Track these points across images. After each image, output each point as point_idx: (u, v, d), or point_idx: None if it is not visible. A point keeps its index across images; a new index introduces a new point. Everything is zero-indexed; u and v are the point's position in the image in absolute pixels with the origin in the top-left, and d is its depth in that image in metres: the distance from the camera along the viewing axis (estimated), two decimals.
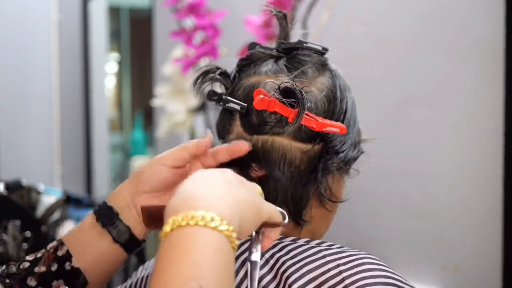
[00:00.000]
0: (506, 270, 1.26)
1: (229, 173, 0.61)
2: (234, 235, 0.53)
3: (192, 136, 2.09)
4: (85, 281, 0.75)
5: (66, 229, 1.77)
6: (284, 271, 0.68)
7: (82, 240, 0.75)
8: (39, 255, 0.76)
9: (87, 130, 2.98)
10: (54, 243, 0.76)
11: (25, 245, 1.48)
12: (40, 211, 1.72)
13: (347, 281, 0.65)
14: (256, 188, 0.64)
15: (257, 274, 0.63)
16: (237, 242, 0.54)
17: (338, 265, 0.67)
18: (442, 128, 1.41)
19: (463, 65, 1.35)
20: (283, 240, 0.73)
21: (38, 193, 1.76)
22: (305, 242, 0.73)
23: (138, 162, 3.24)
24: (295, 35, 0.82)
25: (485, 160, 1.32)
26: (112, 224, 0.74)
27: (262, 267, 0.70)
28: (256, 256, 0.63)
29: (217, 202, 0.55)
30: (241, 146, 0.73)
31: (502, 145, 1.27)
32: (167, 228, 0.53)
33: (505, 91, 1.26)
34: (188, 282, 0.48)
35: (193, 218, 0.52)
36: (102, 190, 3.02)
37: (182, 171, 0.76)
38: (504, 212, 1.27)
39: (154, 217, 0.65)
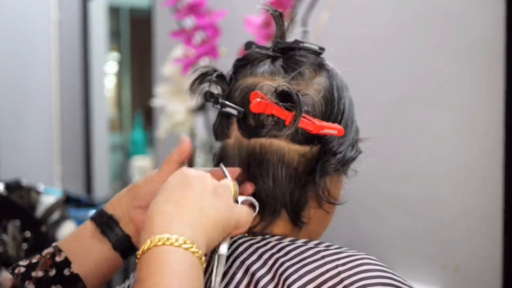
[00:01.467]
0: (506, 270, 1.26)
1: (205, 182, 0.67)
2: (202, 255, 0.62)
3: (192, 136, 2.09)
4: (84, 287, 0.76)
5: (66, 229, 1.77)
6: (283, 272, 0.68)
7: (82, 247, 0.77)
8: (34, 260, 0.76)
9: (87, 130, 2.98)
10: (50, 249, 0.77)
11: (24, 245, 1.48)
12: (40, 211, 1.71)
13: (346, 282, 0.65)
14: (230, 192, 0.69)
15: (222, 268, 0.68)
16: (204, 259, 0.62)
17: (336, 266, 0.67)
18: (442, 128, 1.40)
19: (463, 65, 1.35)
20: (281, 241, 0.73)
21: (38, 193, 1.75)
22: (303, 243, 0.72)
23: (138, 162, 3.24)
24: (295, 35, 0.81)
25: (485, 160, 1.32)
26: (112, 232, 0.77)
27: (260, 268, 0.70)
28: (223, 249, 0.68)
29: (187, 228, 0.62)
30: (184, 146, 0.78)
31: (502, 145, 1.27)
32: (145, 246, 0.61)
33: (505, 91, 1.25)
34: None
35: (168, 239, 0.60)
36: (102, 190, 3.02)
37: None
38: (504, 212, 1.27)
39: None
